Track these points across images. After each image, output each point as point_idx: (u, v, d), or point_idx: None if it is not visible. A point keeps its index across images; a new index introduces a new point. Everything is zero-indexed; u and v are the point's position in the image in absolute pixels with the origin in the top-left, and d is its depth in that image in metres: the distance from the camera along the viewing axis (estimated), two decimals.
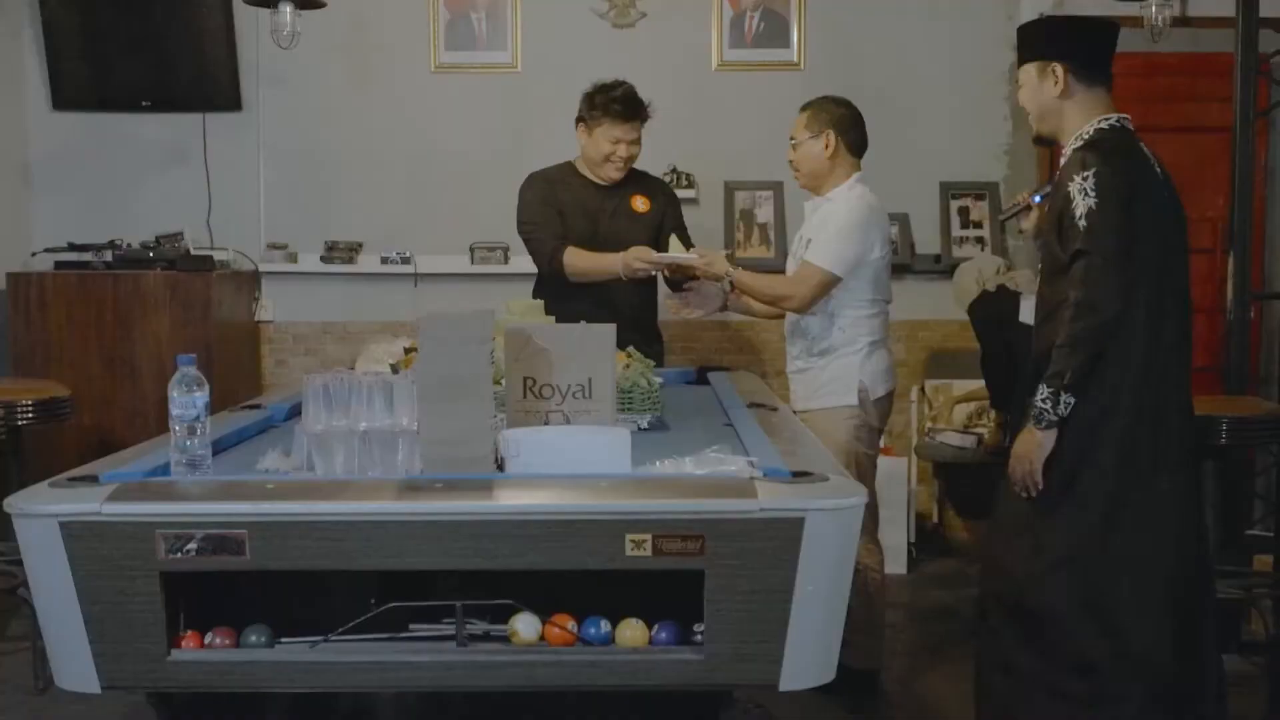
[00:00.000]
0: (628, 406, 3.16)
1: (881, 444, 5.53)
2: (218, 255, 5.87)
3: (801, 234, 4.18)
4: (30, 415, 4.36)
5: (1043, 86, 3.22)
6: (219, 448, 2.90)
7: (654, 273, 4.33)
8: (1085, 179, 3.02)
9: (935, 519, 6.05)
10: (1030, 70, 3.25)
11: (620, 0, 6.05)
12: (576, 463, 2.35)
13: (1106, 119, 3.18)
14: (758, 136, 5.91)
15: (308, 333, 6.12)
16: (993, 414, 5.64)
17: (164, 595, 2.19)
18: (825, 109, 4.14)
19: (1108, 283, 2.99)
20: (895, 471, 5.56)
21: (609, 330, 2.62)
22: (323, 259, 5.98)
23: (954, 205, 6.07)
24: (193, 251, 5.76)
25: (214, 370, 5.50)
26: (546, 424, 2.58)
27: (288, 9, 4.82)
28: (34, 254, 5.85)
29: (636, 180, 4.58)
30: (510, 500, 2.20)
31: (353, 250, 6.00)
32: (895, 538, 5.43)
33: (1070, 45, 3.22)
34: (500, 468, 2.39)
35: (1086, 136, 3.16)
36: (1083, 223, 3.01)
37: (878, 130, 5.68)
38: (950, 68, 6.03)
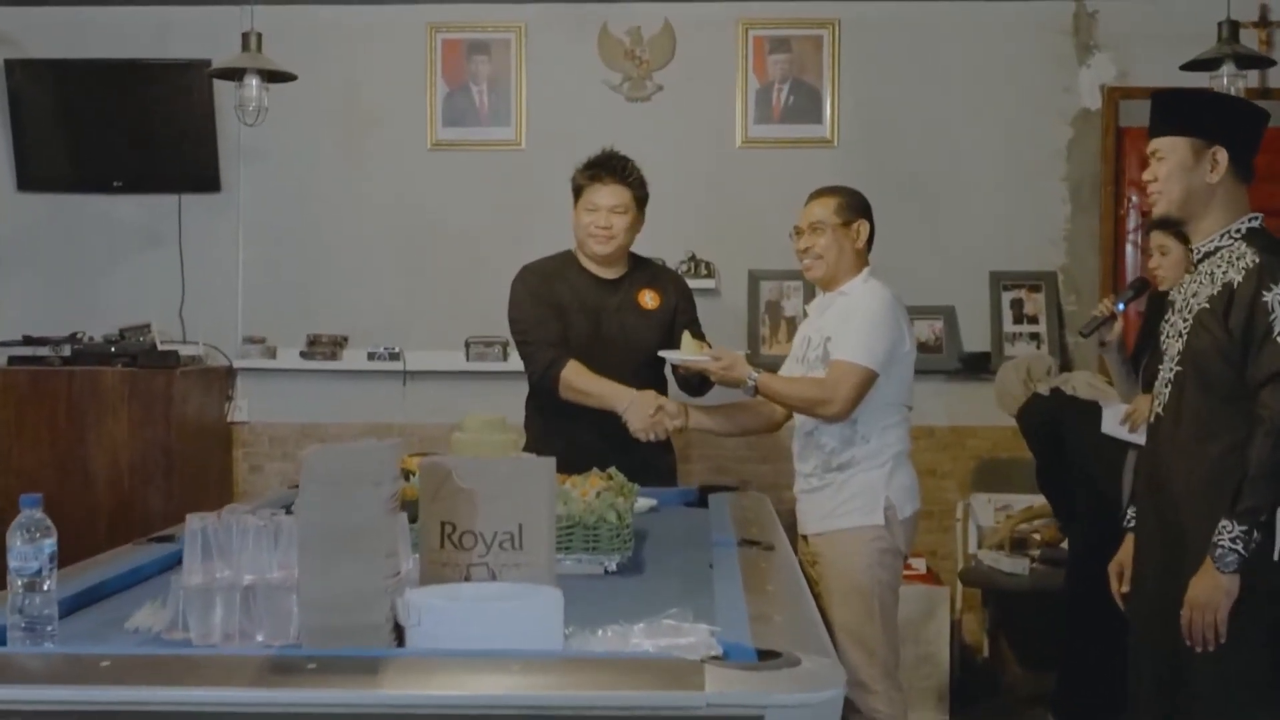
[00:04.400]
0: (593, 546, 2.84)
1: (924, 568, 5.30)
2: (189, 350, 5.68)
3: (807, 335, 3.94)
4: None
5: (1198, 169, 3.06)
6: (103, 593, 2.63)
7: (678, 425, 4.04)
8: None
9: (986, 653, 5.65)
10: (1182, 146, 3.07)
11: (635, 72, 5.85)
12: (493, 635, 2.00)
13: (1255, 217, 3.08)
14: (786, 221, 5.48)
15: (286, 435, 5.89)
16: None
17: None
18: (854, 195, 3.94)
19: None
20: (936, 600, 5.21)
21: (546, 466, 2.28)
22: (303, 354, 5.78)
23: (1006, 297, 5.76)
24: (160, 345, 5.56)
25: (175, 478, 5.36)
26: (468, 580, 2.24)
27: (254, 82, 4.58)
28: None
29: (644, 272, 4.33)
30: (394, 689, 1.85)
31: (337, 345, 5.80)
32: (933, 678, 5.08)
33: (1236, 131, 3.09)
34: (400, 640, 2.05)
35: (1239, 234, 3.04)
36: None
37: (920, 214, 5.59)
38: (1001, 145, 5.77)
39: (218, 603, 2.16)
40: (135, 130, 5.77)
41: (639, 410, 3.96)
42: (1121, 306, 4.30)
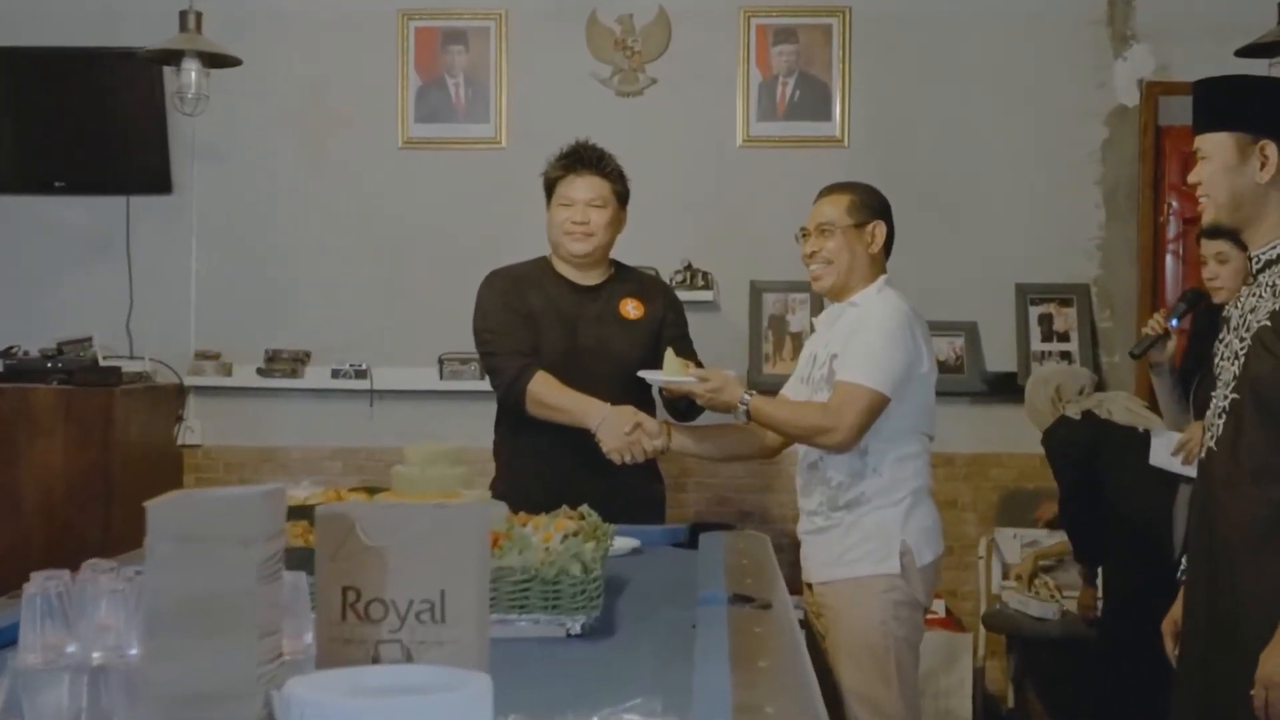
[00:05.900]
0: (553, 604, 2.41)
1: (943, 611, 4.97)
2: (134, 366, 5.40)
3: (813, 351, 3.57)
4: None
5: (1244, 167, 2.76)
6: None
7: (658, 447, 3.70)
8: None
9: (1011, 704, 5.33)
10: (1225, 142, 2.77)
11: (626, 64, 5.59)
12: None
13: None
14: (790, 227, 5.21)
15: (243, 460, 5.63)
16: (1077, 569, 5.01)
17: None
18: (870, 193, 3.57)
19: None
20: (956, 647, 4.94)
21: (475, 517, 1.84)
22: (261, 371, 5.54)
23: (1034, 312, 5.50)
24: (102, 361, 5.27)
25: (116, 507, 5.06)
26: (376, 660, 1.81)
27: (193, 67, 4.24)
28: None
29: (628, 279, 3.98)
30: None
31: (298, 361, 5.56)
32: None
33: None
34: None
35: None
36: None
37: (939, 221, 5.34)
38: (1028, 145, 5.52)
39: (63, 686, 1.78)
40: (80, 126, 5.52)
41: (613, 427, 3.60)
42: (1175, 322, 4.03)
